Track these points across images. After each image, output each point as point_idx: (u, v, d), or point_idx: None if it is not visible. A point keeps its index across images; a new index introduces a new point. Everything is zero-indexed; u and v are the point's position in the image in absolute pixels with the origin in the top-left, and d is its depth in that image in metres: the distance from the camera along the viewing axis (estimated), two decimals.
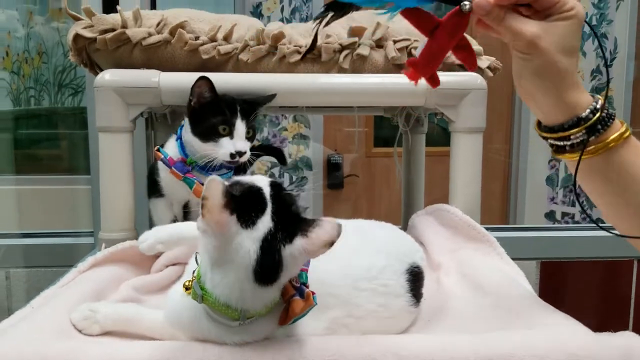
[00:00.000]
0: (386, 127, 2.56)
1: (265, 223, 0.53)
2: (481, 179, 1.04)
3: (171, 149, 0.94)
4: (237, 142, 0.89)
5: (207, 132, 0.89)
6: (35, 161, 2.38)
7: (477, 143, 1.01)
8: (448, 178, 1.06)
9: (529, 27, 0.58)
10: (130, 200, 0.99)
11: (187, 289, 0.58)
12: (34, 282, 1.43)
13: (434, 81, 0.66)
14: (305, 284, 0.59)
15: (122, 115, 0.97)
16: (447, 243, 0.96)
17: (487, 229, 0.95)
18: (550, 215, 2.75)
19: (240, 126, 0.89)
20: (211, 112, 0.88)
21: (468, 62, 0.66)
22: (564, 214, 2.74)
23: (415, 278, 0.74)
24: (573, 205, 2.82)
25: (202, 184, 0.83)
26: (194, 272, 0.58)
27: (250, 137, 0.91)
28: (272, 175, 2.26)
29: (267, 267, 0.53)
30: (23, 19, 2.35)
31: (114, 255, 0.85)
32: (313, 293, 0.58)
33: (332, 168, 2.67)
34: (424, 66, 0.63)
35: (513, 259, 0.90)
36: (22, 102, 2.38)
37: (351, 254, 0.71)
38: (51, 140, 2.45)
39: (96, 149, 0.98)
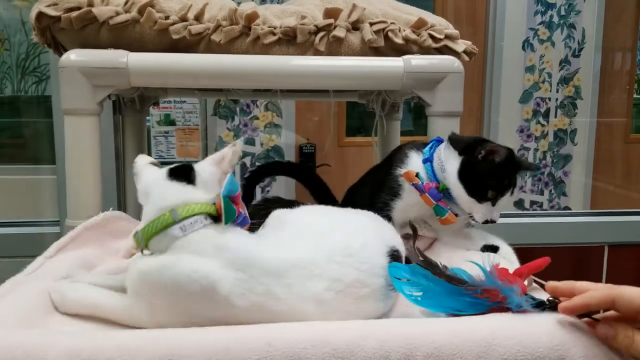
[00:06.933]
0: (358, 116, 2.56)
1: None
2: None
3: (416, 170, 0.89)
4: (495, 211, 0.85)
5: (476, 191, 0.84)
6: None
7: (454, 127, 1.00)
8: None
9: None
10: (97, 185, 0.96)
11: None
12: None
13: None
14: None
15: (88, 97, 0.93)
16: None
17: None
18: (518, 204, 2.78)
19: (505, 198, 0.85)
20: (491, 175, 0.83)
21: None
22: (532, 202, 2.77)
23: (395, 261, 0.72)
24: (541, 193, 2.86)
25: (456, 215, 0.84)
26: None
27: None
28: (244, 165, 2.23)
29: None
30: None
31: (79, 238, 0.82)
32: None
33: (305, 158, 2.65)
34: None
35: None
36: None
37: (326, 233, 0.69)
38: (14, 129, 2.37)
39: (61, 137, 0.94)
